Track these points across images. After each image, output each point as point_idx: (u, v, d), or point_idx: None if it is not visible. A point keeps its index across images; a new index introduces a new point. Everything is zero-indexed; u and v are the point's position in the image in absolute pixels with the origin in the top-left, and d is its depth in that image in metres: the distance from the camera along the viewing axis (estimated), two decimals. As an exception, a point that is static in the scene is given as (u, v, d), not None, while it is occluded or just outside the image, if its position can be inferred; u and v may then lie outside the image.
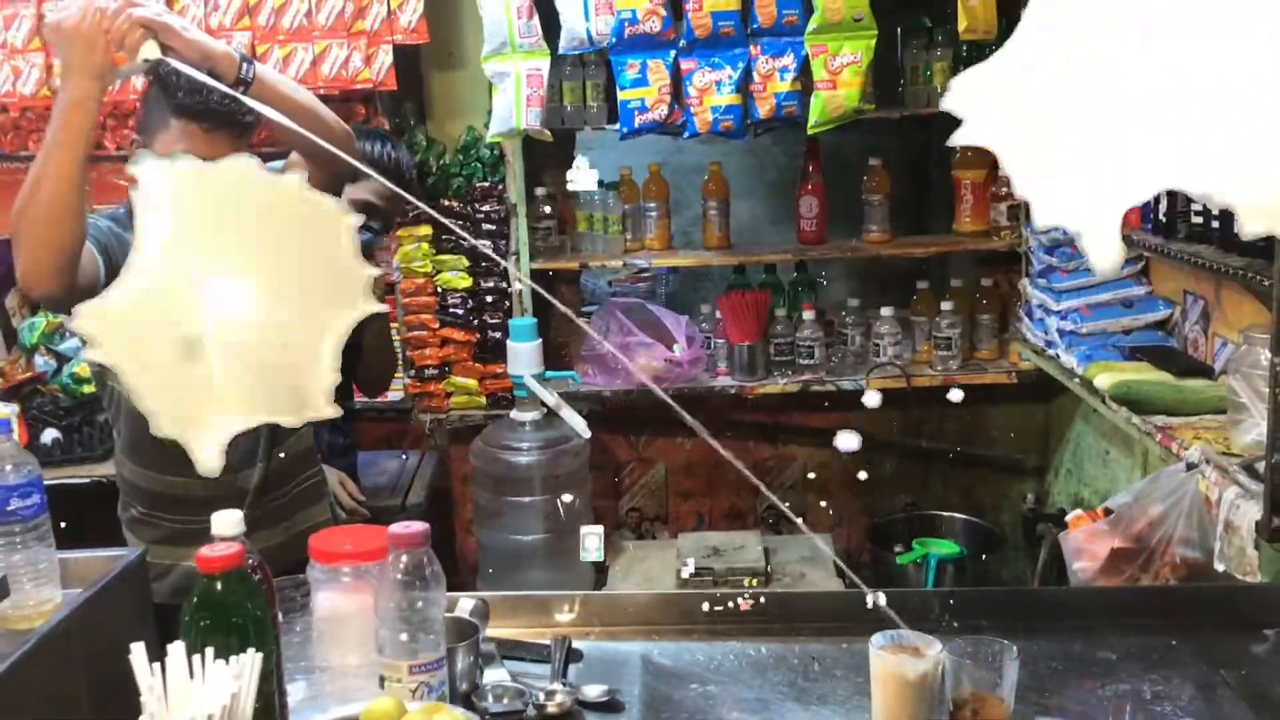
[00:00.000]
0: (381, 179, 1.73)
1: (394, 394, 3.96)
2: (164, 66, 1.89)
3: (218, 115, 2.00)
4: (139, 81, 3.12)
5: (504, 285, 3.79)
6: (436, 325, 3.87)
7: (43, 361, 3.36)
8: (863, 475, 3.71)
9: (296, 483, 2.37)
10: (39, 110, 3.46)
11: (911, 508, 3.93)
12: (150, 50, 1.79)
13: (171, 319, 1.35)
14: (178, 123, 2.00)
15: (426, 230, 3.79)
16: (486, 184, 3.80)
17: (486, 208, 3.79)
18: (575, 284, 4.06)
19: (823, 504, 4.09)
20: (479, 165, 3.80)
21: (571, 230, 3.88)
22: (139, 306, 1.35)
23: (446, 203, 3.80)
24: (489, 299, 3.83)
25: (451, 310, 3.86)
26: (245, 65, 1.89)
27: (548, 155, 3.84)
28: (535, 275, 3.73)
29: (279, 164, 2.24)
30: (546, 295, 1.53)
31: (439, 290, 3.85)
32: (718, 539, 3.45)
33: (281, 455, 2.32)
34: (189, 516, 2.25)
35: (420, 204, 1.59)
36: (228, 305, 1.34)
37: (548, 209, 3.81)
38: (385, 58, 3.42)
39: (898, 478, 4.04)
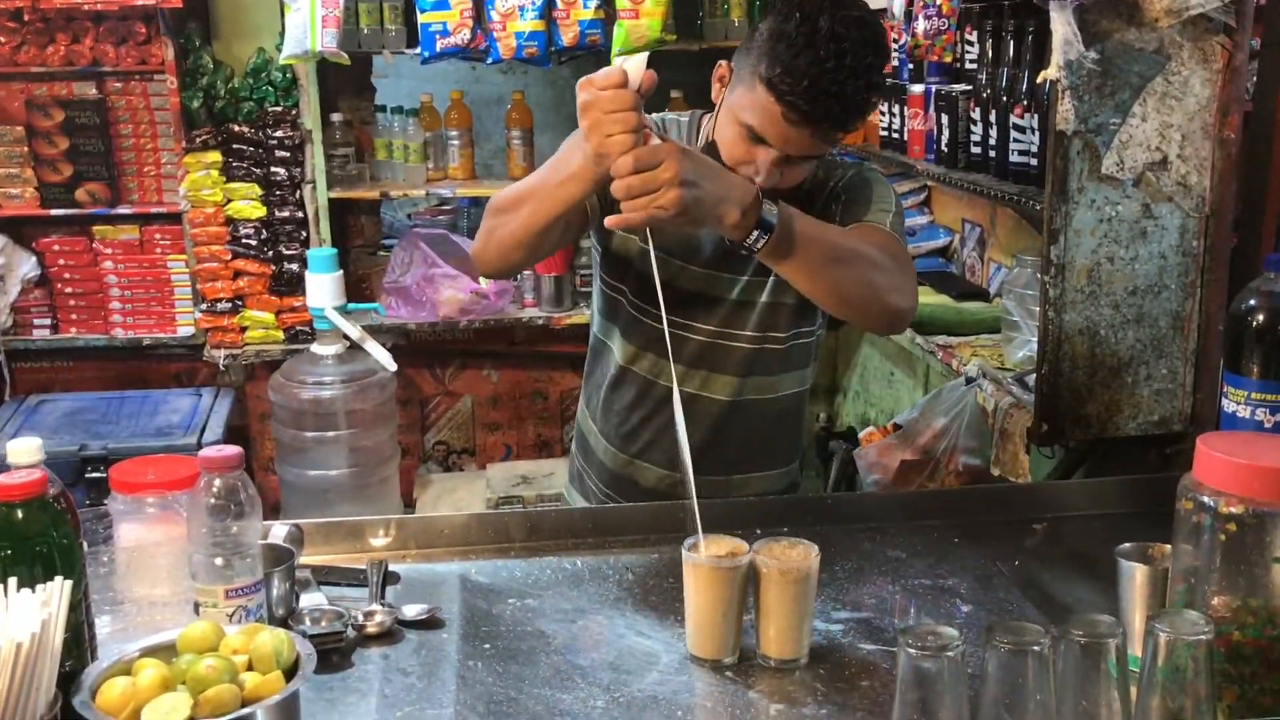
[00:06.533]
0: None
1: (184, 329, 3.80)
2: None
3: (811, 117, 1.62)
4: None
5: (300, 214, 3.67)
6: (229, 257, 3.72)
7: None
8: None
9: None
10: None
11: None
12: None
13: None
14: (765, 97, 1.62)
15: (216, 157, 3.63)
16: (279, 109, 3.65)
17: (280, 134, 3.65)
18: (375, 214, 3.98)
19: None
20: (271, 89, 3.65)
21: (370, 158, 3.79)
22: None
23: (237, 128, 3.64)
24: (286, 228, 3.71)
25: (244, 241, 3.71)
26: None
27: (343, 80, 3.73)
28: (333, 205, 3.63)
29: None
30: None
31: (230, 220, 3.70)
32: (527, 468, 3.50)
33: None
34: None
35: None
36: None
37: (344, 135, 3.71)
38: (169, -29, 3.24)
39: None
